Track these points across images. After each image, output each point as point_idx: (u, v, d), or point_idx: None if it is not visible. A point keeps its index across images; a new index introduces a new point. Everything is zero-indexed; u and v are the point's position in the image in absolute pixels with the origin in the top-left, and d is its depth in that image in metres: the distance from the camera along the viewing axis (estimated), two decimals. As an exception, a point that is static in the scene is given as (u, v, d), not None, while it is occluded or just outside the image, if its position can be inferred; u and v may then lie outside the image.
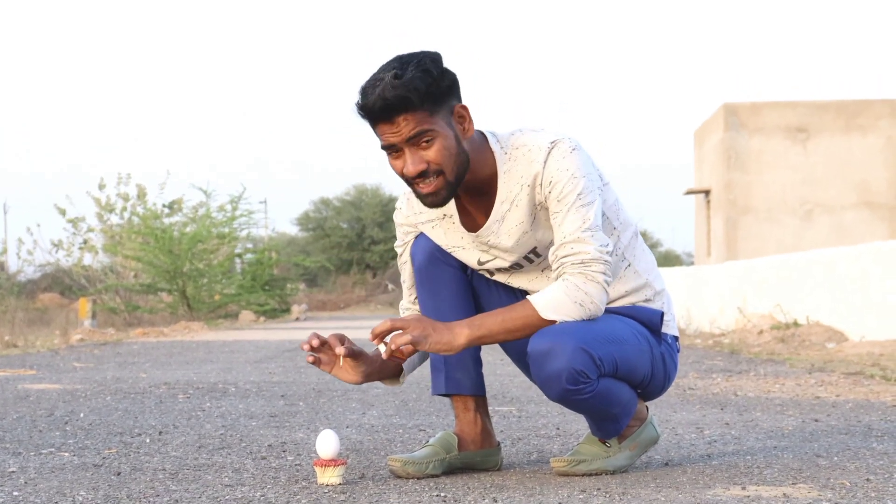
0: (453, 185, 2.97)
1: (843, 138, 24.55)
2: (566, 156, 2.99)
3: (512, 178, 3.04)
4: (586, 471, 3.14)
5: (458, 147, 2.96)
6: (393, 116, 2.90)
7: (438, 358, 3.23)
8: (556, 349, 2.94)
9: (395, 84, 2.86)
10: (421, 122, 2.91)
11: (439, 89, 2.92)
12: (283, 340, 13.64)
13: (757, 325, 12.45)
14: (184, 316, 24.91)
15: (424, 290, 3.22)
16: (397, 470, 3.14)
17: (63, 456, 3.63)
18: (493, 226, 3.08)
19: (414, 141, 2.92)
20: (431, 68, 2.91)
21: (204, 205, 27.56)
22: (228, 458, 3.55)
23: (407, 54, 2.94)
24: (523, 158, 3.03)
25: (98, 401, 5.51)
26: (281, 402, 5.46)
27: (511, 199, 3.05)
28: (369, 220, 55.75)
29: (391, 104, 2.87)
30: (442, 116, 2.94)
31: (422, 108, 2.90)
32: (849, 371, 7.09)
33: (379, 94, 2.87)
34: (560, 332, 2.96)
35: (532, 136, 3.05)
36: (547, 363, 2.96)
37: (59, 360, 9.42)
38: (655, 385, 3.22)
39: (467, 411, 3.26)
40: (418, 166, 2.93)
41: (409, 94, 2.87)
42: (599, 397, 3.03)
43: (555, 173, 2.98)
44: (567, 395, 2.99)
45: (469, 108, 3.00)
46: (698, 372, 7.41)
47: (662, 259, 53.98)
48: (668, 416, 4.72)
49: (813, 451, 3.62)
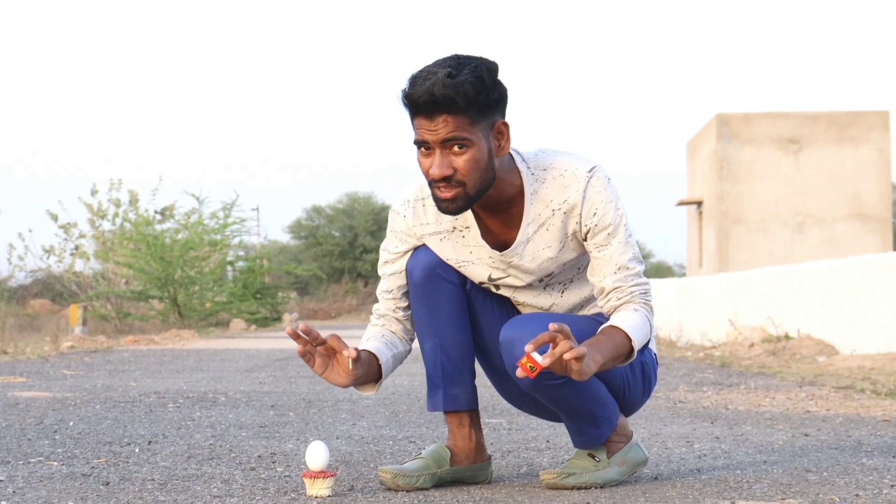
0: (472, 198, 2.93)
1: (834, 149, 24.62)
2: (606, 187, 3.00)
3: (540, 200, 3.03)
4: (576, 484, 3.13)
5: (489, 163, 2.93)
6: (435, 114, 2.86)
7: (436, 374, 3.19)
8: (525, 335, 2.92)
9: (446, 82, 2.82)
10: (460, 127, 2.87)
11: (487, 100, 2.88)
12: (274, 349, 13.62)
13: (748, 338, 12.46)
14: (175, 323, 24.86)
15: (421, 306, 3.17)
16: (387, 481, 3.13)
17: (52, 465, 3.62)
18: (519, 247, 3.06)
19: (448, 144, 2.88)
20: (485, 76, 2.87)
21: (196, 211, 27.55)
22: (218, 469, 3.55)
23: (466, 56, 2.90)
24: (555, 182, 3.01)
25: (88, 409, 5.50)
26: (271, 412, 5.45)
27: (540, 222, 3.04)
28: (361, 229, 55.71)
29: (437, 101, 2.83)
30: (482, 128, 2.90)
31: (465, 114, 2.86)
32: (839, 385, 7.09)
33: (428, 87, 2.83)
34: (530, 319, 2.99)
35: (565, 159, 3.03)
36: (516, 349, 2.94)
37: (49, 367, 9.40)
38: (635, 394, 3.22)
39: (462, 427, 3.24)
40: (444, 171, 2.89)
41: (458, 96, 2.83)
42: (572, 387, 3.01)
43: (599, 206, 2.99)
44: (538, 381, 2.97)
45: (510, 126, 2.96)
46: (689, 385, 7.41)
47: (654, 270, 54.02)
48: (658, 429, 4.72)
49: (803, 465, 3.62)
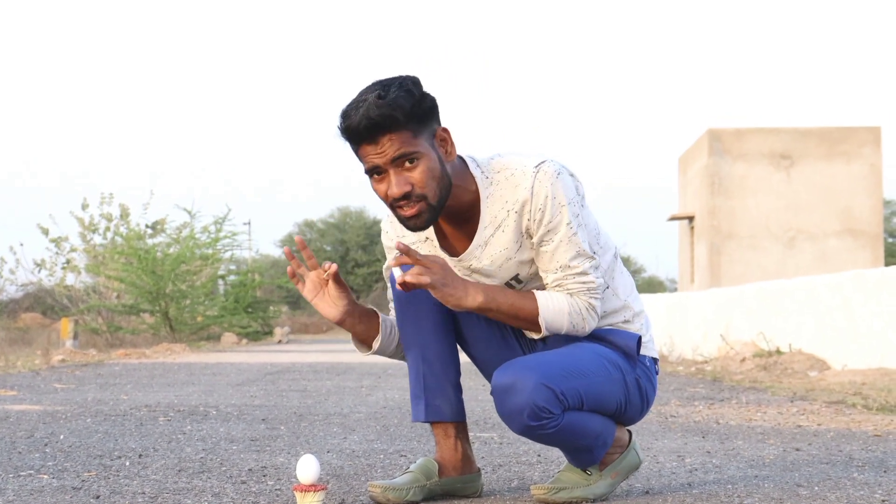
0: (436, 208, 2.96)
1: (826, 165, 24.67)
2: (553, 181, 2.98)
3: (495, 202, 3.03)
4: (567, 499, 3.13)
5: (442, 170, 2.96)
6: (378, 137, 2.89)
7: (418, 385, 3.20)
8: (518, 385, 2.94)
9: (379, 104, 2.86)
10: (405, 142, 2.90)
11: (422, 110, 2.92)
12: (265, 363, 13.60)
13: (740, 353, 12.47)
14: (166, 337, 24.84)
15: (405, 319, 3.18)
16: (377, 496, 3.12)
17: (42, 478, 3.61)
18: (476, 251, 3.07)
19: (398, 162, 2.91)
20: (413, 90, 2.91)
21: (188, 225, 27.55)
22: (208, 483, 3.54)
23: (386, 78, 2.94)
24: (507, 182, 3.02)
25: (78, 423, 5.49)
26: (262, 425, 5.44)
27: (496, 224, 3.04)
28: (353, 243, 55.76)
29: (376, 123, 2.87)
30: (425, 138, 2.93)
31: (406, 128, 2.89)
32: (831, 400, 7.10)
33: (363, 113, 2.87)
34: (522, 367, 2.97)
35: (515, 159, 3.04)
36: (508, 399, 2.96)
37: (40, 380, 9.38)
38: (633, 411, 3.21)
39: (448, 438, 3.24)
40: (403, 188, 2.91)
41: (395, 112, 2.86)
42: (565, 431, 3.02)
43: (543, 201, 2.98)
44: (529, 430, 2.99)
45: (450, 131, 3.00)
46: (680, 399, 7.41)
47: (646, 285, 54.07)
48: (650, 443, 4.72)
49: (794, 480, 3.62)
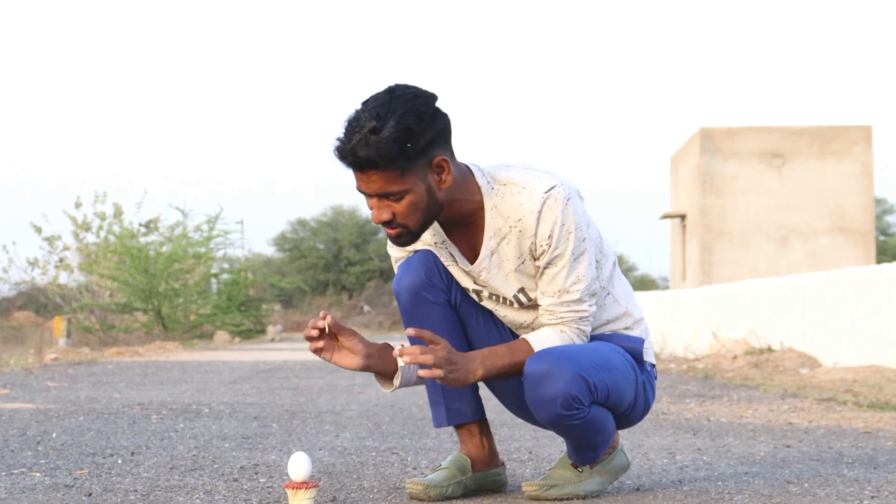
0: (416, 233, 2.99)
1: (817, 164, 24.70)
2: (563, 208, 2.97)
3: (499, 214, 3.03)
4: (558, 495, 3.14)
5: (429, 200, 2.94)
6: (365, 169, 2.89)
7: (435, 390, 3.23)
8: (554, 373, 2.96)
9: (369, 141, 2.83)
10: (389, 182, 2.89)
11: (416, 147, 2.87)
12: (257, 361, 13.61)
13: (731, 350, 12.50)
14: (159, 336, 24.82)
15: (413, 326, 3.19)
16: (418, 493, 3.13)
17: (34, 476, 3.62)
18: (485, 261, 3.08)
19: (381, 196, 2.93)
20: (413, 125, 2.85)
21: (181, 224, 27.54)
22: (200, 480, 3.55)
23: (399, 95, 2.87)
24: (513, 198, 3.00)
25: (71, 421, 5.50)
26: (254, 423, 5.45)
27: (501, 236, 3.04)
28: (346, 242, 55.74)
29: (360, 162, 2.87)
30: (416, 172, 2.90)
31: (394, 167, 2.87)
32: (821, 397, 7.12)
33: (351, 148, 2.85)
34: (558, 357, 2.98)
35: (524, 177, 3.02)
36: (543, 386, 2.97)
37: (33, 379, 9.38)
38: (637, 412, 3.23)
39: (473, 436, 3.27)
40: (383, 216, 2.94)
41: (380, 158, 2.84)
42: (588, 425, 3.05)
43: (551, 227, 2.97)
44: (560, 419, 3.00)
45: (450, 160, 2.94)
46: (672, 397, 7.43)
47: (638, 283, 54.11)
48: (641, 441, 4.74)
49: (784, 477, 3.64)
